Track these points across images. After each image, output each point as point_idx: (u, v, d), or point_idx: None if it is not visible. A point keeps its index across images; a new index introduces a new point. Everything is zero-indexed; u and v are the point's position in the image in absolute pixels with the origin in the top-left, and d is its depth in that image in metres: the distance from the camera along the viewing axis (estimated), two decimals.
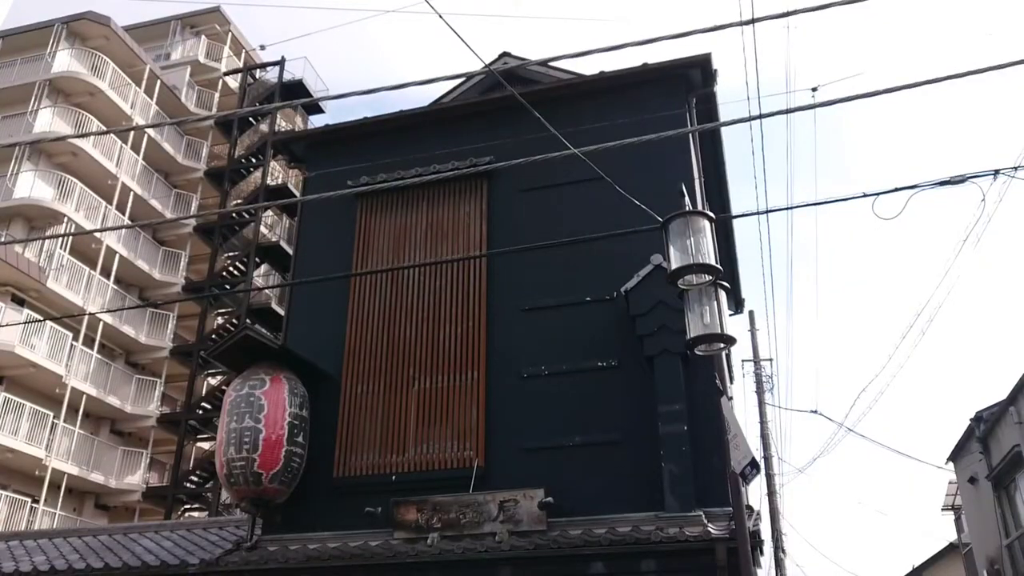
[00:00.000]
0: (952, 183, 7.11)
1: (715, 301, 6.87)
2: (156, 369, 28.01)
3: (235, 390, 9.81)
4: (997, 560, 16.41)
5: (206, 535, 10.90)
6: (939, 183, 7.08)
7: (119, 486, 25.22)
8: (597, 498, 8.97)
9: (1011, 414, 14.44)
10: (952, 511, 22.99)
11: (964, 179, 7.13)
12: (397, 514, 9.28)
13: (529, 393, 9.80)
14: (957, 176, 7.10)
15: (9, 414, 21.51)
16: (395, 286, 10.88)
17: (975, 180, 7.12)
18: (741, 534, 7.26)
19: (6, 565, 10.17)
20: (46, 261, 23.89)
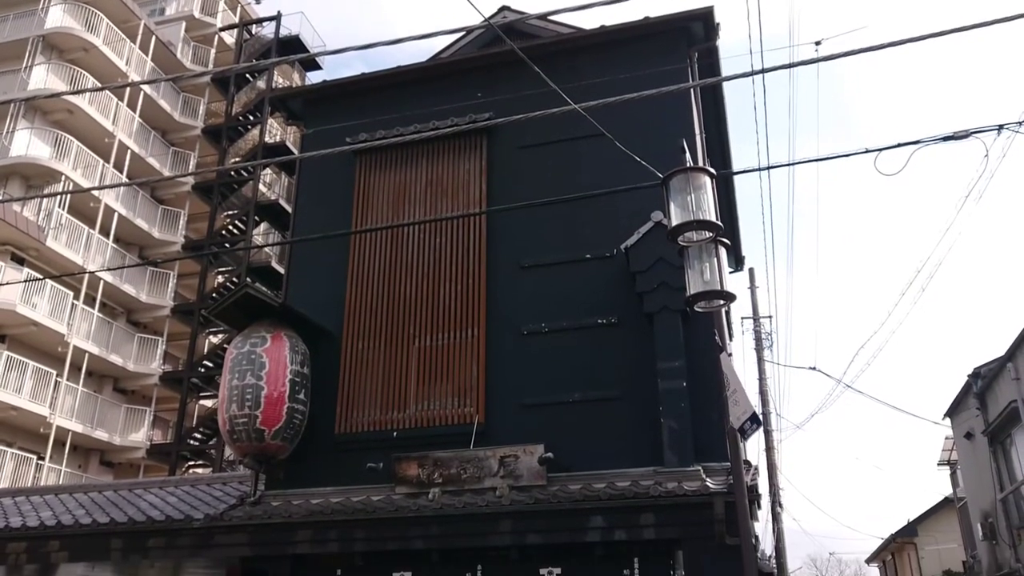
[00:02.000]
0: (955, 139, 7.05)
1: (715, 258, 6.86)
2: (157, 328, 28.12)
3: (236, 348, 9.85)
4: (991, 513, 16.63)
5: (210, 491, 11.02)
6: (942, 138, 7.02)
7: (123, 443, 25.50)
8: (596, 454, 9.05)
9: (1009, 370, 14.51)
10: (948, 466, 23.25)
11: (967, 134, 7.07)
12: (398, 470, 9.38)
13: (529, 350, 9.84)
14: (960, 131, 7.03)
15: (12, 372, 21.66)
16: (395, 243, 10.86)
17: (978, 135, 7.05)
18: (739, 488, 7.35)
19: (13, 520, 10.30)
20: (45, 220, 23.84)
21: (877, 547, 36.93)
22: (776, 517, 19.85)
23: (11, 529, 9.99)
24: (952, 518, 26.11)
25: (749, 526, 7.43)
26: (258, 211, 27.77)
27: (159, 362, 27.21)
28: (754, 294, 21.96)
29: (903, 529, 31.68)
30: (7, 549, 9.98)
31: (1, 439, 21.88)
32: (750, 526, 7.61)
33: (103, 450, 25.67)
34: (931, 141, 6.98)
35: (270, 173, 29.73)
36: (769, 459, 19.55)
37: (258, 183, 28.14)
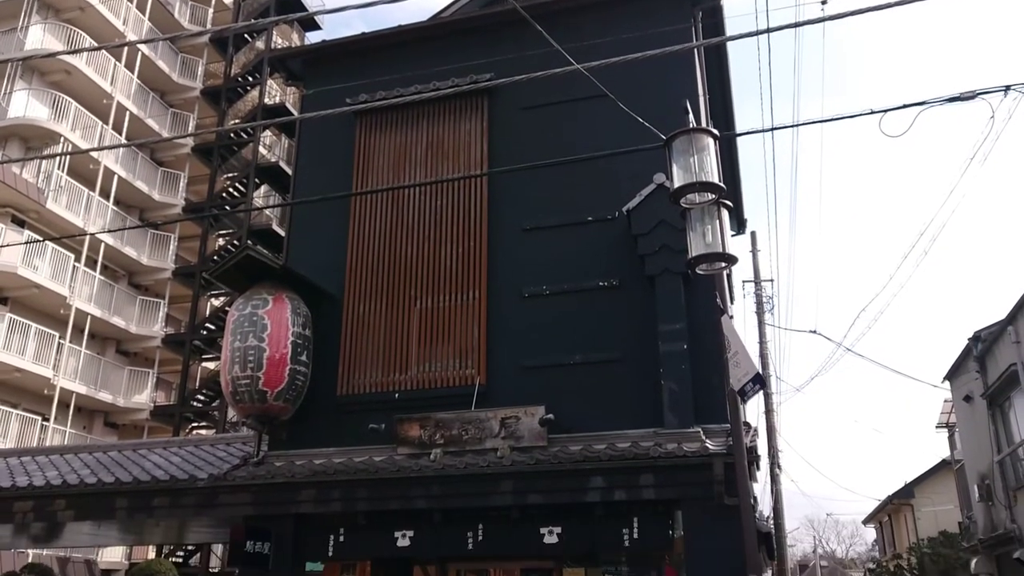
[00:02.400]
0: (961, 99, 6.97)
1: (717, 220, 6.83)
2: (159, 290, 28.17)
3: (238, 309, 9.86)
4: (988, 475, 16.78)
5: (213, 451, 11.12)
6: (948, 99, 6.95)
7: (127, 405, 25.68)
8: (597, 415, 9.11)
9: (1009, 333, 14.53)
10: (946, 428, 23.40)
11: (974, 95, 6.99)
12: (400, 431, 9.44)
13: (530, 312, 9.85)
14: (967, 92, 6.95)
15: (15, 334, 21.74)
16: (396, 205, 10.82)
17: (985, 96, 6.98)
18: (738, 449, 7.40)
19: (19, 479, 10.41)
20: (44, 182, 23.74)
21: (874, 508, 37.33)
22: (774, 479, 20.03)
23: (18, 488, 10.10)
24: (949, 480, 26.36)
25: (748, 486, 7.50)
26: (258, 173, 27.64)
27: (161, 324, 27.29)
28: (755, 257, 21.92)
29: (900, 491, 31.99)
30: (14, 508, 10.10)
31: (6, 400, 22.04)
32: (749, 487, 7.68)
33: (107, 411, 25.86)
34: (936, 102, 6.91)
35: (270, 135, 29.53)
36: (768, 422, 19.67)
37: (258, 145, 27.96)
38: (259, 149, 27.96)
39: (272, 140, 29.65)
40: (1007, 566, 15.93)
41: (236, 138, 28.63)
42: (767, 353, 20.44)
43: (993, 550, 16.82)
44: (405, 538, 9.12)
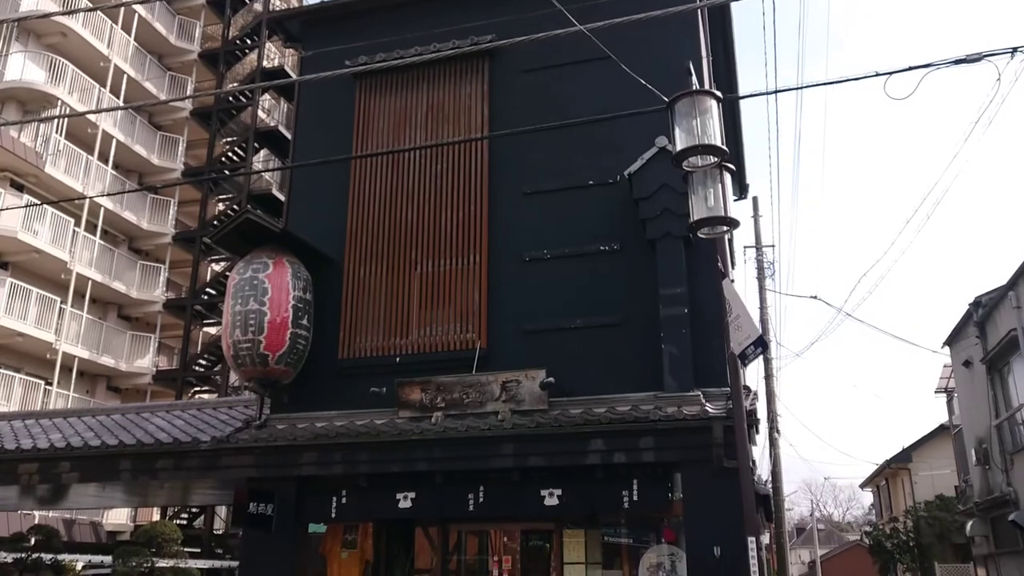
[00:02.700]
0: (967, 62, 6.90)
1: (720, 183, 6.79)
2: (159, 255, 28.15)
3: (238, 273, 9.86)
4: (985, 439, 16.89)
5: (216, 414, 11.18)
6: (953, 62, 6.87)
7: (129, 369, 25.80)
8: (597, 379, 9.15)
9: (1010, 299, 14.54)
10: (945, 393, 23.50)
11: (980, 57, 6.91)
12: (402, 394, 9.49)
13: (531, 276, 9.84)
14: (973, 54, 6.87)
15: (17, 299, 21.77)
16: (396, 169, 10.76)
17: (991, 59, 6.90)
18: (738, 412, 7.43)
19: (24, 442, 10.48)
20: (43, 146, 23.60)
21: (871, 473, 37.64)
22: (773, 443, 20.20)
23: (22, 451, 10.18)
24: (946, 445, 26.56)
25: (747, 449, 7.54)
26: (257, 138, 27.48)
27: (162, 289, 27.31)
28: (757, 223, 21.88)
29: (898, 455, 32.23)
30: (19, 470, 10.19)
31: (9, 365, 22.13)
32: (748, 450, 7.72)
33: (109, 376, 25.98)
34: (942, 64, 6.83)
35: (269, 99, 29.30)
36: (768, 386, 19.78)
37: (257, 109, 27.76)
38: (258, 113, 27.76)
39: (271, 104, 29.43)
40: (1002, 529, 16.10)
41: (235, 102, 28.41)
42: (767, 319, 20.49)
43: (988, 513, 16.99)
44: (407, 500, 9.21)
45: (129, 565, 17.74)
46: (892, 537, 28.51)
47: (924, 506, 27.49)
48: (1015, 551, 15.28)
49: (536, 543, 9.73)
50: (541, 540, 9.67)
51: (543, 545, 9.64)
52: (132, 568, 17.78)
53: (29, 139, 23.45)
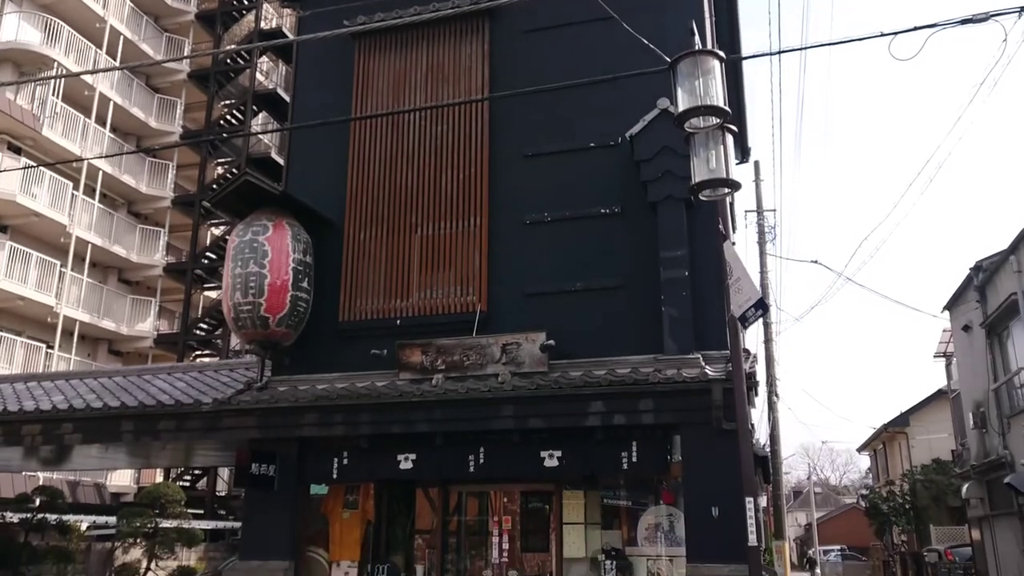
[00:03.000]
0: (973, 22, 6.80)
1: (722, 145, 6.74)
2: (159, 219, 28.07)
3: (238, 236, 9.83)
4: (983, 403, 16.98)
5: (217, 376, 11.22)
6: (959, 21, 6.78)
7: (130, 333, 25.86)
8: (598, 341, 9.17)
9: (1011, 263, 14.52)
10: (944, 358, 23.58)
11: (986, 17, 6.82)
12: (402, 356, 9.51)
13: (532, 239, 9.82)
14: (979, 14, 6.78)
15: (16, 263, 21.75)
16: (395, 131, 10.68)
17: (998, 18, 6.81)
18: (737, 374, 7.45)
19: (26, 404, 10.54)
20: (39, 109, 23.41)
21: (869, 437, 37.91)
22: (772, 406, 20.32)
23: (25, 412, 10.24)
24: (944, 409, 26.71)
25: (746, 411, 7.58)
26: (256, 100, 27.25)
27: (162, 253, 27.28)
28: (758, 187, 21.82)
29: (895, 419, 32.43)
30: (22, 431, 10.26)
31: (10, 328, 22.17)
32: (747, 411, 7.76)
33: (111, 339, 26.05)
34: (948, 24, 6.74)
35: (267, 61, 29.00)
36: (767, 351, 19.85)
37: (255, 71, 27.49)
38: (256, 75, 27.49)
39: (269, 67, 29.13)
40: (997, 491, 16.25)
41: (233, 64, 28.12)
42: (767, 283, 20.50)
43: (984, 476, 17.14)
44: (407, 461, 9.28)
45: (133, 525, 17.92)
46: (888, 500, 28.78)
47: (920, 470, 27.73)
48: (1009, 513, 15.43)
49: (536, 504, 9.83)
50: (541, 501, 9.77)
51: (543, 506, 9.74)
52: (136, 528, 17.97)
53: (26, 101, 23.25)
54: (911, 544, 28.47)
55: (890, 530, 30.14)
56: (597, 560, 9.02)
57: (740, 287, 6.97)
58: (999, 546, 16.47)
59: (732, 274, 7.07)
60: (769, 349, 19.83)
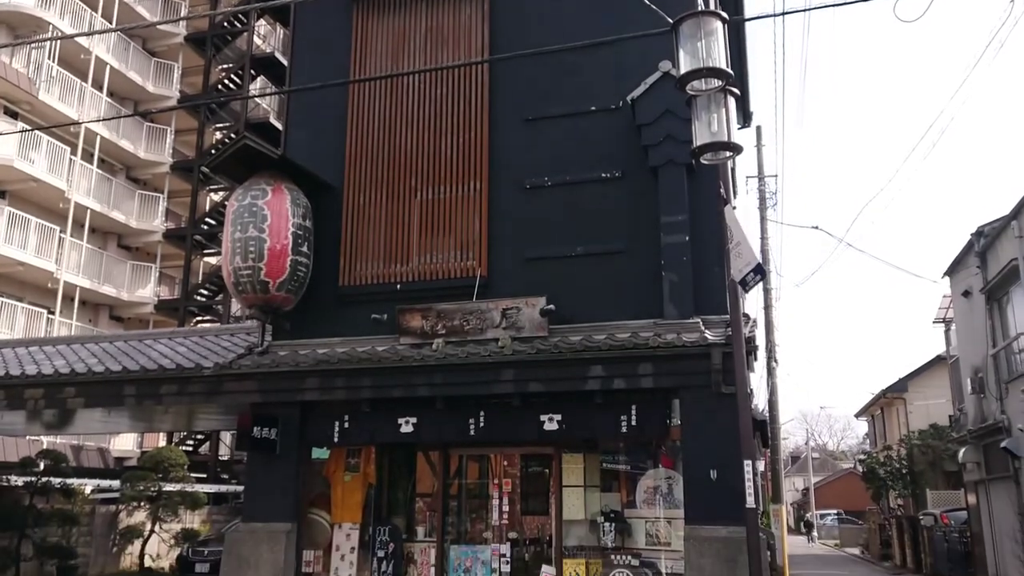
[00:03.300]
0: None
1: (724, 108, 6.68)
2: (158, 185, 27.98)
3: (237, 200, 9.79)
4: (981, 369, 17.05)
5: (218, 341, 11.26)
6: None
7: (131, 299, 25.91)
8: (598, 306, 9.17)
9: (1013, 228, 14.49)
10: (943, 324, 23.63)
11: None
12: (402, 321, 9.53)
13: (532, 203, 9.78)
14: None
15: (16, 228, 21.71)
16: (395, 94, 10.59)
17: None
18: (737, 339, 7.47)
19: (28, 368, 10.58)
20: (35, 73, 23.20)
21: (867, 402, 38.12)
22: (771, 372, 20.41)
23: (27, 376, 10.28)
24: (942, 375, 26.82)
25: (745, 375, 7.60)
26: (254, 64, 27.00)
27: (161, 219, 27.23)
28: (760, 153, 21.70)
29: (894, 385, 32.58)
30: (25, 395, 10.31)
31: (11, 294, 22.20)
32: (746, 375, 7.79)
33: (111, 305, 26.11)
34: None
35: (265, 25, 28.68)
36: (767, 316, 19.90)
37: (252, 34, 27.20)
38: (254, 39, 27.21)
39: (267, 30, 28.83)
40: (994, 455, 16.38)
41: (230, 27, 27.81)
42: (768, 249, 20.48)
43: (981, 440, 17.26)
44: (408, 425, 9.34)
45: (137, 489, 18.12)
46: (885, 465, 29.02)
47: (918, 435, 27.92)
48: (1005, 476, 15.56)
49: (536, 467, 9.91)
50: (541, 465, 9.85)
51: (543, 470, 9.82)
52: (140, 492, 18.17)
53: (21, 65, 23.04)
54: (907, 508, 28.76)
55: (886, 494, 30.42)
56: (596, 522, 9.11)
57: (740, 251, 6.96)
58: (994, 509, 16.64)
59: (732, 238, 7.06)
60: (769, 315, 19.88)
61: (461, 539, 9.81)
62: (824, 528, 46.13)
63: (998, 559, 16.32)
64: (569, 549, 9.18)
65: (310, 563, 9.67)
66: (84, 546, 17.65)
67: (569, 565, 9.09)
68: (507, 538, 9.64)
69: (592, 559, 9.03)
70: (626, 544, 8.90)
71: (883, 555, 28.90)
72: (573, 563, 9.09)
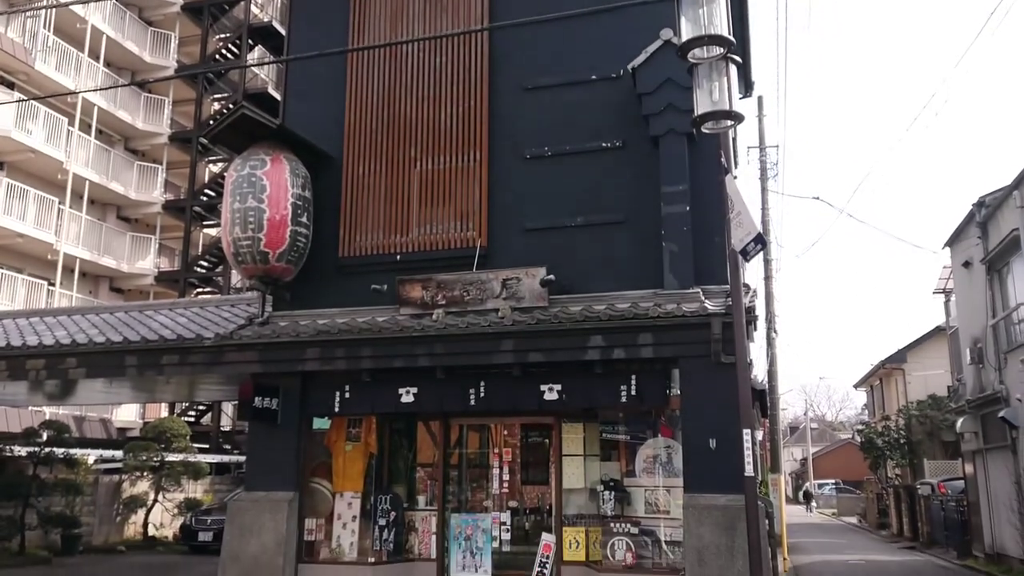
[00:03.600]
0: None
1: (725, 77, 6.64)
2: (156, 156, 27.84)
3: (236, 170, 9.75)
4: (981, 339, 17.08)
5: (218, 312, 11.26)
6: None
7: (131, 270, 25.89)
8: (598, 276, 9.17)
9: (1014, 198, 14.43)
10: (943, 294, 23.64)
11: None
12: (402, 291, 9.53)
13: (532, 174, 9.74)
14: None
15: (14, 200, 21.64)
16: (394, 63, 10.50)
17: None
18: (737, 308, 7.46)
19: (30, 339, 10.60)
20: (31, 42, 22.99)
21: (866, 373, 38.25)
22: (770, 343, 20.45)
23: (28, 347, 10.30)
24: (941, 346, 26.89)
25: (745, 345, 7.60)
26: (251, 34, 26.76)
27: (160, 190, 27.13)
28: (761, 123, 21.55)
29: (893, 356, 32.67)
30: (27, 366, 10.34)
31: (11, 266, 22.19)
32: (746, 345, 7.80)
33: (112, 277, 26.11)
34: None
35: None
36: (767, 287, 19.88)
37: (250, 3, 26.93)
38: (251, 8, 26.94)
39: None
40: (992, 425, 16.46)
41: None
42: (768, 220, 20.42)
43: (979, 410, 17.33)
44: (409, 395, 9.38)
45: (140, 459, 18.27)
46: (883, 435, 29.19)
47: (916, 405, 28.05)
48: (1002, 446, 15.65)
49: (536, 437, 9.97)
50: (541, 434, 9.90)
51: (543, 439, 9.87)
52: (143, 462, 18.32)
53: (17, 34, 22.82)
54: (904, 478, 28.98)
55: (884, 464, 30.64)
56: (596, 491, 9.19)
57: (740, 221, 6.93)
58: (991, 478, 16.76)
59: (733, 208, 7.03)
60: (768, 286, 19.86)
61: (462, 508, 9.89)
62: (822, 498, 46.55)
63: (994, 527, 16.47)
64: (569, 517, 9.27)
65: (312, 531, 9.77)
66: (88, 515, 17.82)
67: (569, 533, 9.19)
68: (507, 507, 9.72)
69: (592, 527, 9.12)
70: (625, 512, 8.98)
71: (880, 524, 29.19)
72: (573, 531, 9.18)
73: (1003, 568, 15.14)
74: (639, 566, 8.66)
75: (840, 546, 22.59)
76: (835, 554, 19.80)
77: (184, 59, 28.57)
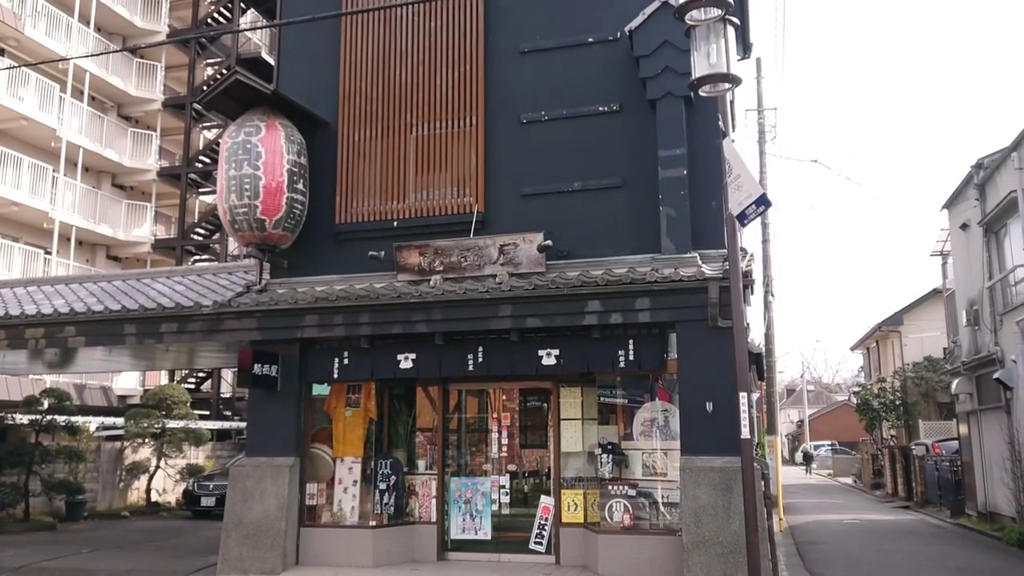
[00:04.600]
0: None
1: (723, 39, 6.58)
2: (150, 122, 27.60)
3: (231, 137, 9.69)
4: (977, 301, 17.13)
5: (216, 280, 11.27)
6: None
7: (128, 238, 25.81)
8: (595, 241, 9.18)
9: (1012, 160, 14.38)
10: (940, 256, 23.64)
11: None
12: (400, 258, 9.53)
13: (529, 139, 9.70)
14: None
15: (8, 168, 21.49)
16: (388, 27, 10.39)
17: None
18: (734, 272, 7.46)
19: (28, 308, 10.62)
20: (19, 6, 22.68)
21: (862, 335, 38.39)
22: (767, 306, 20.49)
23: (27, 316, 10.32)
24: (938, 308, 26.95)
25: (742, 308, 7.62)
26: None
27: (155, 157, 26.94)
28: (760, 85, 21.40)
29: (889, 318, 32.76)
30: (25, 335, 10.36)
31: (7, 234, 22.11)
32: (743, 309, 7.82)
33: (108, 245, 26.03)
34: None
35: None
36: (764, 251, 19.88)
37: None
38: None
39: None
40: (986, 386, 16.58)
41: None
42: (767, 184, 20.36)
43: (975, 371, 17.44)
44: (407, 360, 9.43)
45: (141, 426, 18.36)
46: (879, 396, 29.37)
47: (912, 367, 28.20)
48: (997, 407, 15.76)
49: (534, 402, 10.04)
50: (539, 399, 9.97)
51: (541, 404, 9.95)
52: (144, 429, 18.42)
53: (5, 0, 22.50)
54: (900, 439, 29.24)
55: (880, 425, 30.88)
56: (594, 454, 9.28)
57: (740, 184, 6.90)
58: (985, 439, 16.91)
59: (732, 171, 7.00)
60: (766, 250, 19.86)
61: (461, 472, 10.00)
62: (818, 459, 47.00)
63: (987, 487, 16.66)
64: (567, 480, 9.38)
65: (313, 496, 9.88)
66: (91, 482, 17.96)
67: (567, 496, 9.30)
68: (506, 470, 9.83)
69: (590, 490, 9.23)
70: (623, 475, 9.08)
71: (875, 484, 29.50)
72: (571, 494, 9.29)
73: (995, 527, 15.34)
74: (636, 527, 8.78)
75: (835, 506, 22.85)
76: (830, 514, 20.03)
77: (176, 23, 28.20)
